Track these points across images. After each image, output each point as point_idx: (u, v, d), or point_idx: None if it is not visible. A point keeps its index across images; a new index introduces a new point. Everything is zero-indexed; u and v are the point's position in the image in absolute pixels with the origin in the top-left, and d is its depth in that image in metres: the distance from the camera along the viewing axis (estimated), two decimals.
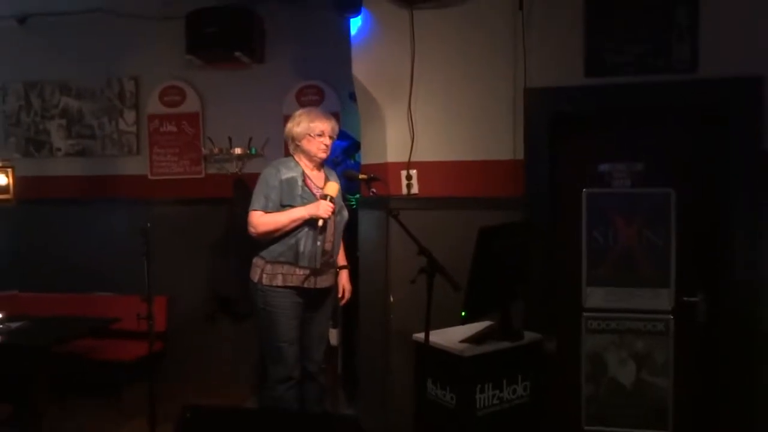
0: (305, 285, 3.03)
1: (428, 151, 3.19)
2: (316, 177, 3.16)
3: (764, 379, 2.82)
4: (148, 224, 2.90)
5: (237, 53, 4.39)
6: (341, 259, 3.33)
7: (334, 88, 4.57)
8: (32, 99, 5.05)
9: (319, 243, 3.02)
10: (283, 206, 3.01)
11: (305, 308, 3.12)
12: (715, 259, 2.96)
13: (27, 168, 4.99)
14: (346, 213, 3.24)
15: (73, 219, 4.91)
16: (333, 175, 3.25)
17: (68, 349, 3.99)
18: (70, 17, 4.78)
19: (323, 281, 3.11)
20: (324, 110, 3.33)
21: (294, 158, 3.16)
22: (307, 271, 3.02)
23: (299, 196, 3.02)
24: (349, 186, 4.04)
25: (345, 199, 4.08)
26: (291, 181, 3.04)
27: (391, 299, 3.17)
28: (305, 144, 3.09)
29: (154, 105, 4.85)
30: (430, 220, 3.01)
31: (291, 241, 2.99)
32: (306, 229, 2.99)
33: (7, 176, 4.70)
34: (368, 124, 3.39)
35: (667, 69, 2.92)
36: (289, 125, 3.15)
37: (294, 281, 3.01)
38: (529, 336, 2.59)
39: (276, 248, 3.02)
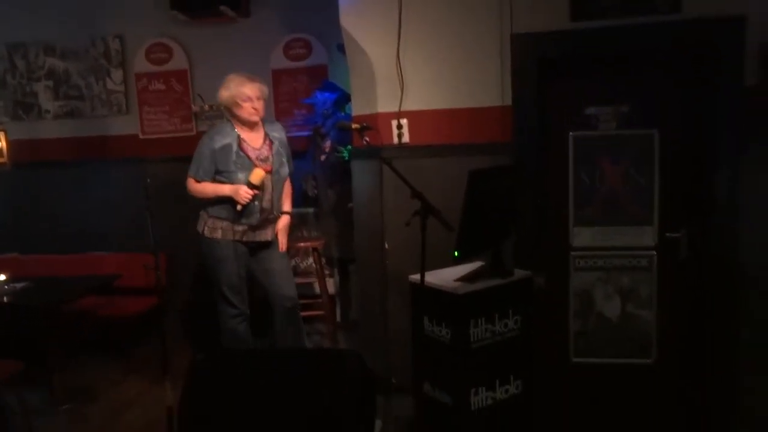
0: (244, 239, 3.32)
1: (418, 100, 3.24)
2: (253, 138, 3.35)
3: (742, 310, 2.96)
4: (148, 180, 2.96)
5: (222, 7, 4.36)
6: (286, 206, 3.52)
7: (321, 40, 4.56)
8: (16, 61, 5.01)
9: (256, 202, 3.25)
10: (219, 172, 3.25)
11: (254, 254, 3.43)
12: (698, 197, 3.06)
13: (17, 131, 4.99)
14: (285, 169, 3.43)
15: (67, 181, 4.95)
16: (276, 128, 3.44)
17: (73, 308, 4.09)
18: None
19: (262, 235, 3.38)
20: (253, 74, 3.46)
21: (231, 123, 3.33)
22: (245, 227, 3.29)
23: (233, 162, 3.23)
24: (340, 137, 4.10)
25: (336, 150, 4.16)
26: (225, 148, 3.24)
27: (386, 246, 3.27)
28: (235, 110, 3.27)
29: (140, 63, 4.82)
30: (421, 168, 3.09)
31: (230, 200, 3.22)
32: None
33: (0, 139, 4.70)
34: (357, 75, 3.42)
35: (652, 10, 2.95)
36: (220, 91, 3.31)
37: (232, 236, 3.30)
38: (519, 273, 2.71)
39: (217, 205, 3.29)
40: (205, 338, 4.63)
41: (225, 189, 3.26)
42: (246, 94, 3.25)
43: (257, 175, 3.21)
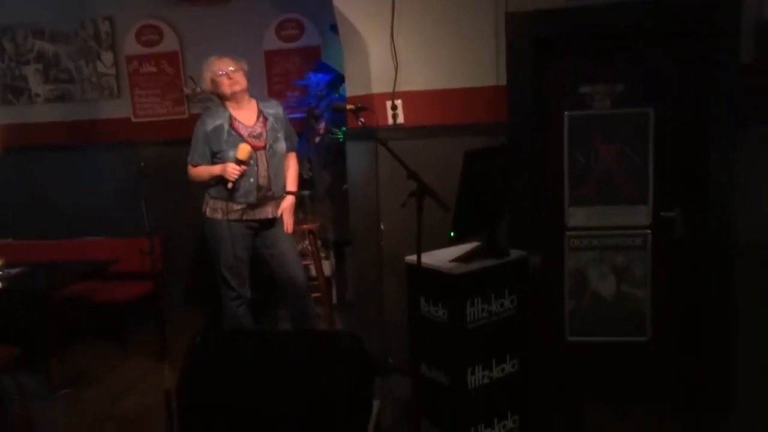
0: (243, 218, 3.33)
1: (412, 81, 3.22)
2: (245, 116, 3.36)
3: (733, 288, 2.99)
4: (142, 164, 2.95)
5: None
6: (290, 185, 3.50)
7: (314, 21, 4.51)
8: (5, 44, 4.94)
9: (252, 179, 3.27)
10: (214, 153, 3.30)
11: (259, 236, 3.44)
12: (694, 175, 3.07)
13: (7, 116, 4.94)
14: (281, 144, 3.40)
15: (60, 165, 4.91)
16: (271, 104, 3.44)
17: (68, 293, 4.08)
18: None
19: (262, 213, 3.39)
20: (245, 56, 3.50)
21: (223, 105, 3.37)
22: (244, 206, 3.31)
23: (224, 141, 3.27)
24: (335, 119, 4.07)
25: (331, 132, 4.14)
26: (218, 129, 3.29)
27: (382, 227, 3.27)
28: (217, 89, 3.32)
29: (131, 45, 4.77)
30: (416, 149, 3.08)
31: (227, 180, 3.24)
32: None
33: None
34: (351, 55, 3.39)
35: None
36: (202, 79, 3.38)
37: (232, 215, 3.32)
38: (515, 253, 2.72)
39: (217, 186, 3.33)
40: (202, 321, 4.66)
41: (215, 169, 3.28)
42: (219, 69, 3.30)
43: (243, 150, 3.21)
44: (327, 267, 4.66)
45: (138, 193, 2.92)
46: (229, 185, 3.23)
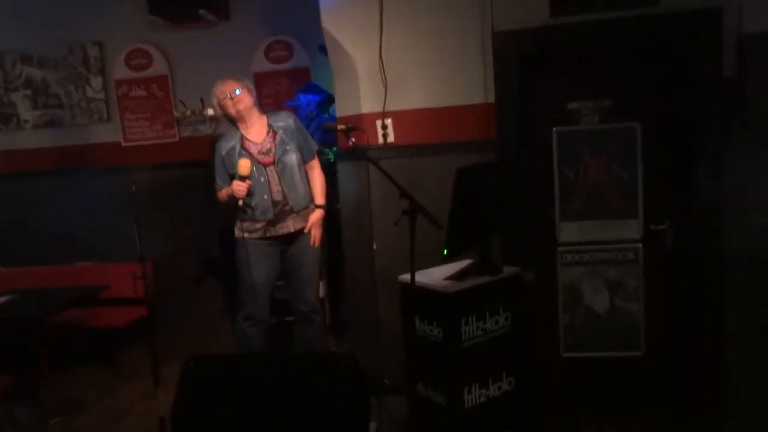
0: (267, 234, 3.33)
1: (402, 100, 3.24)
2: (255, 133, 3.36)
3: (726, 299, 3.01)
4: (133, 188, 2.94)
5: (202, 11, 4.32)
6: (317, 198, 3.45)
7: (303, 42, 4.54)
8: None
9: (266, 197, 3.27)
10: (231, 175, 3.30)
11: (286, 253, 3.41)
12: (681, 188, 3.10)
13: None
14: (290, 157, 3.36)
15: (49, 191, 4.88)
16: (280, 117, 3.43)
17: (59, 320, 4.03)
18: None
19: (283, 228, 3.35)
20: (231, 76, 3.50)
21: (235, 126, 3.39)
22: (264, 223, 3.30)
23: (237, 162, 3.25)
24: (325, 139, 4.09)
25: (322, 152, 4.14)
26: (230, 152, 3.31)
27: (375, 246, 3.27)
28: (224, 110, 3.37)
29: (120, 70, 4.77)
30: (407, 168, 3.09)
31: (247, 199, 3.26)
32: (254, 188, 3.26)
33: None
34: (341, 76, 3.42)
35: (630, 4, 2.98)
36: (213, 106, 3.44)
37: (256, 234, 3.33)
38: (508, 270, 2.73)
39: (240, 207, 3.30)
40: (196, 346, 4.61)
41: (228, 190, 3.30)
42: (223, 93, 3.33)
43: (243, 166, 3.21)
44: (321, 288, 4.63)
45: (129, 217, 2.90)
46: (240, 203, 3.21)
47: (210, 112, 4.48)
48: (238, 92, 3.30)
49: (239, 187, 3.19)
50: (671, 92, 3.08)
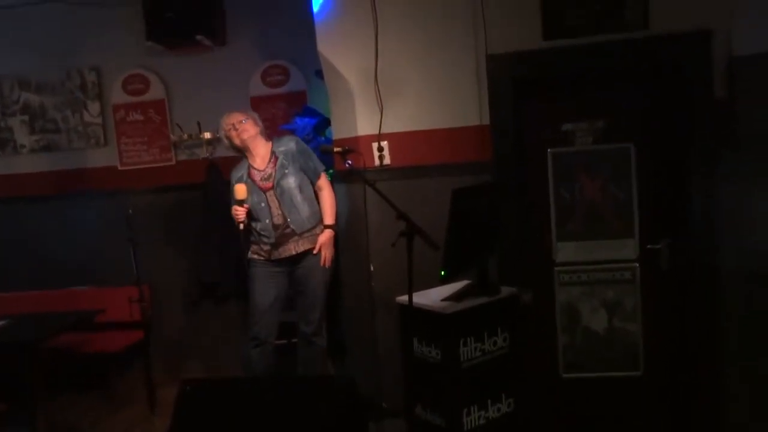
0: (272, 257, 3.41)
1: (397, 122, 3.27)
2: (260, 161, 3.47)
3: (723, 318, 3.01)
4: (130, 211, 2.94)
5: (198, 36, 4.36)
6: (326, 218, 3.46)
7: (299, 67, 4.58)
8: None
9: (267, 221, 3.35)
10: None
11: (294, 274, 3.44)
12: (676, 207, 3.12)
13: None
14: (288, 181, 3.40)
15: (45, 215, 4.86)
16: (282, 141, 3.50)
17: (54, 344, 3.99)
18: (24, 9, 4.69)
19: (285, 251, 3.40)
20: (231, 101, 3.84)
21: (244, 156, 3.52)
22: (269, 246, 3.38)
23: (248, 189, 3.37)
24: (322, 161, 4.10)
25: None
26: (239, 181, 3.42)
27: (372, 268, 3.27)
28: (231, 141, 3.48)
29: (118, 94, 4.80)
30: (403, 189, 3.10)
31: (252, 224, 3.42)
32: (254, 213, 3.38)
33: None
34: (337, 99, 3.45)
35: (621, 28, 3.03)
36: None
37: (263, 255, 3.43)
38: (505, 290, 2.72)
39: (246, 230, 3.41)
40: (191, 369, 4.58)
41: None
42: (228, 125, 3.46)
43: (238, 191, 3.34)
44: None
45: (126, 241, 2.90)
46: (240, 226, 3.34)
47: (207, 135, 4.51)
48: (244, 122, 3.42)
49: (237, 212, 3.34)
50: (664, 113, 3.12)
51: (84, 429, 3.76)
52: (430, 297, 2.62)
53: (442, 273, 2.38)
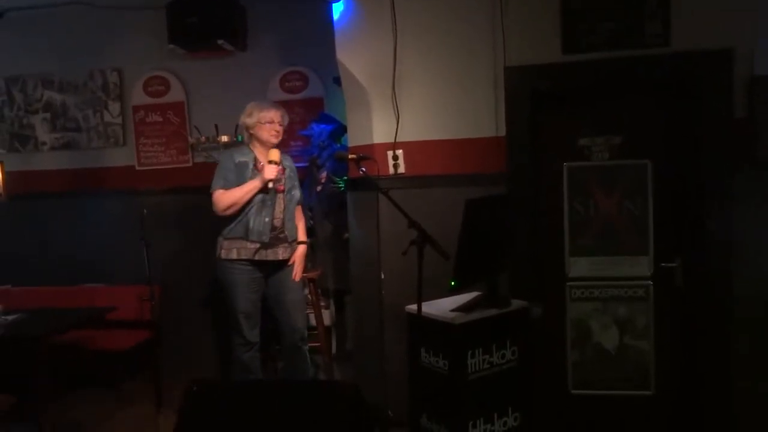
0: (256, 257, 3.34)
1: (413, 131, 3.28)
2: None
3: (736, 338, 2.96)
4: (145, 211, 2.96)
5: (220, 41, 4.41)
6: (301, 235, 3.57)
7: (317, 73, 4.61)
8: (14, 93, 5.04)
9: (267, 219, 3.33)
10: (239, 184, 3.33)
11: (268, 281, 3.44)
12: (692, 226, 3.09)
13: (13, 163, 5.00)
14: (297, 192, 3.49)
15: (62, 212, 4.93)
16: (285, 157, 3.53)
17: (64, 341, 4.02)
18: (49, 10, 4.78)
19: (275, 254, 3.40)
20: (274, 102, 3.66)
21: (248, 147, 3.46)
22: (257, 245, 3.33)
23: (248, 178, 3.33)
24: (336, 168, 4.12)
25: (332, 181, 4.17)
26: (242, 165, 3.37)
27: (382, 276, 3.26)
28: (258, 131, 3.39)
29: (138, 96, 4.86)
30: (417, 198, 3.10)
31: (242, 218, 3.32)
32: (254, 208, 3.31)
33: None
34: (354, 107, 3.46)
35: (641, 44, 3.02)
36: (242, 117, 3.46)
37: (246, 254, 3.34)
38: (516, 303, 2.70)
39: (231, 226, 3.36)
40: (200, 370, 4.58)
41: (253, 183, 3.30)
42: (269, 116, 3.39)
43: (274, 153, 3.31)
44: (327, 316, 4.61)
45: (139, 240, 2.92)
46: (270, 184, 3.26)
47: (224, 138, 4.54)
48: (286, 122, 3.46)
49: (273, 168, 3.27)
50: (683, 130, 3.09)
51: (90, 426, 3.77)
52: (440, 307, 2.61)
53: (453, 283, 2.37)
